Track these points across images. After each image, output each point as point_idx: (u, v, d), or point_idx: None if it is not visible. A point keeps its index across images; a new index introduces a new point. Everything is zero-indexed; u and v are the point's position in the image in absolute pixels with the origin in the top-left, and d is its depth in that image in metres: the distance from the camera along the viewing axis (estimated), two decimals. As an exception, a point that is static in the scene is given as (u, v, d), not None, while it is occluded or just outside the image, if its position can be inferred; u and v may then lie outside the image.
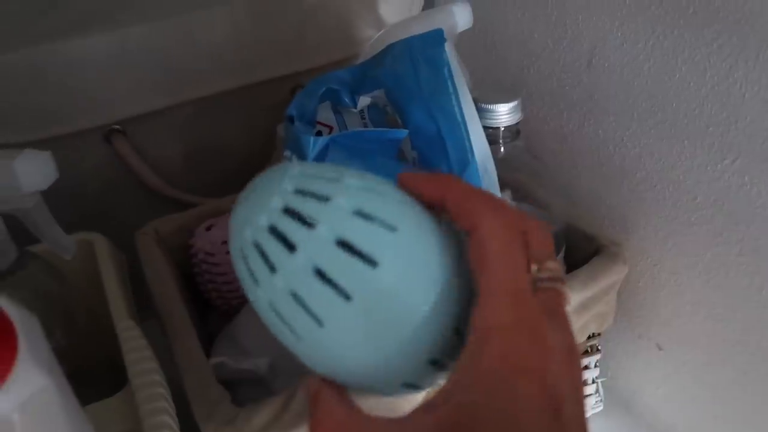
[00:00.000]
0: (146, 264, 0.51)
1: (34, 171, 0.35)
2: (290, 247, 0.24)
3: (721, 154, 0.42)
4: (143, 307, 0.50)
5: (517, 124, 0.47)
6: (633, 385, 0.57)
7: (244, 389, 0.46)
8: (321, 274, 0.24)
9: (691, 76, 0.42)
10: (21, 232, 0.42)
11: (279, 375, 0.46)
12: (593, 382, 0.55)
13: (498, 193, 0.44)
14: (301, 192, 0.24)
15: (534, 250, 0.25)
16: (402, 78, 0.42)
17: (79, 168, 0.60)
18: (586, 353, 0.52)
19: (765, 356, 0.44)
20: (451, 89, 0.42)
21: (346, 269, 0.24)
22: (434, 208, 0.27)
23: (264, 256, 0.24)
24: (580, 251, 0.50)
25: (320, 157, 0.42)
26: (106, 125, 0.59)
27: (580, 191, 0.55)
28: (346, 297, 0.24)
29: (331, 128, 0.46)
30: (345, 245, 0.24)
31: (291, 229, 0.24)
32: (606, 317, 0.50)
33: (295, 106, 0.46)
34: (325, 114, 0.47)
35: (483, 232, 0.24)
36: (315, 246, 0.24)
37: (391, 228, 0.24)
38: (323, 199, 0.24)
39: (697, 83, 0.42)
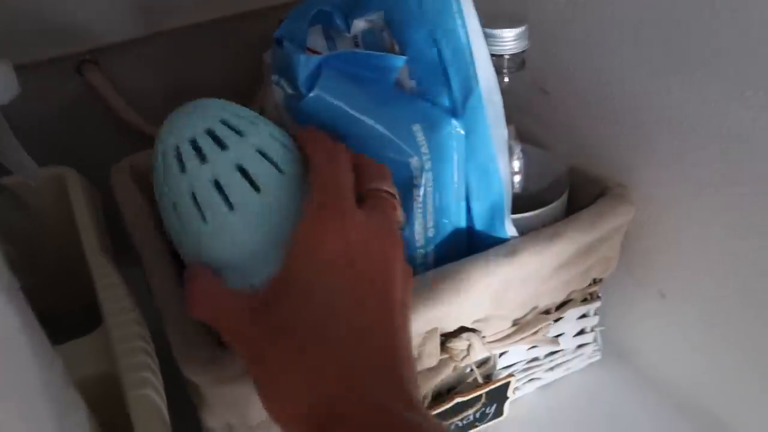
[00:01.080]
0: (121, 200, 0.48)
1: (-8, 82, 0.31)
2: (222, 146, 0.32)
3: (739, 87, 0.39)
4: (125, 253, 0.47)
5: (522, 52, 0.44)
6: (632, 334, 0.55)
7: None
8: (243, 171, 0.32)
9: (704, 5, 0.39)
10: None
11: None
12: (591, 330, 0.53)
13: (504, 125, 0.41)
14: (236, 113, 0.34)
15: (364, 173, 0.34)
16: None
17: (50, 100, 0.56)
18: (585, 301, 0.50)
19: None
20: (455, 8, 0.38)
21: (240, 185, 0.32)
22: None
23: (198, 150, 0.32)
24: (585, 194, 0.47)
25: (312, 79, 0.39)
26: (78, 54, 0.55)
27: (585, 131, 0.52)
28: (231, 205, 0.31)
29: (320, 54, 0.43)
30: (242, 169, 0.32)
31: (225, 134, 0.32)
32: (610, 262, 0.48)
33: (284, 29, 0.42)
34: (316, 39, 0.43)
35: (314, 165, 0.33)
36: (241, 149, 0.32)
37: (280, 171, 0.33)
38: (241, 133, 0.32)
39: (713, 8, 0.39)
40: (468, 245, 0.44)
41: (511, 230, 0.43)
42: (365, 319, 0.30)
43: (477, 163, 0.42)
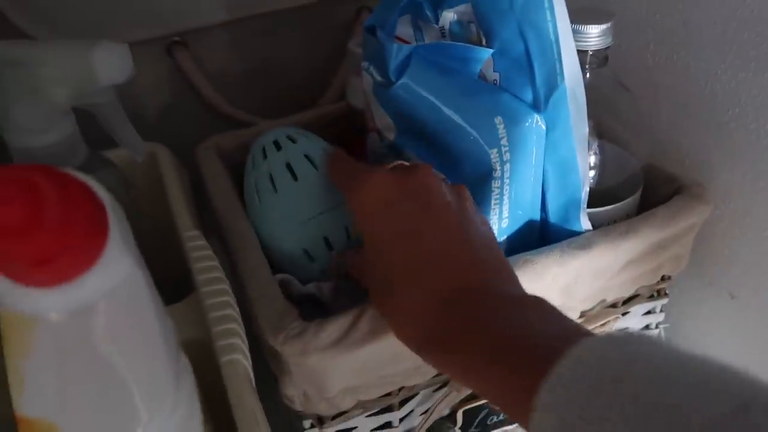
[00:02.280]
0: (208, 178, 0.51)
1: (112, 63, 0.34)
2: (294, 141, 0.46)
3: None
4: (205, 225, 0.49)
5: (606, 48, 0.44)
6: (697, 333, 0.55)
7: (304, 310, 0.45)
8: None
9: None
10: (91, 138, 0.41)
11: (339, 300, 0.45)
12: (656, 327, 0.53)
13: (585, 122, 0.42)
14: (289, 135, 0.47)
15: None
16: None
17: (140, 80, 0.59)
18: (652, 297, 0.51)
19: None
20: (546, 3, 0.39)
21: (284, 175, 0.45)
22: None
23: (263, 151, 0.46)
24: (661, 192, 0.48)
25: (402, 67, 0.40)
26: (168, 36, 0.58)
27: (664, 128, 0.52)
28: (275, 189, 0.45)
29: (409, 44, 0.44)
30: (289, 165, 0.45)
31: (294, 137, 0.46)
32: (681, 260, 0.48)
33: (375, 17, 0.43)
34: (405, 29, 0.44)
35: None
36: (287, 153, 0.45)
37: (315, 167, 0.45)
38: (295, 141, 0.46)
39: None
40: (542, 237, 0.44)
41: (586, 224, 0.44)
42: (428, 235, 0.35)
43: (556, 158, 0.42)
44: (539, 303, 0.32)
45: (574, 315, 0.46)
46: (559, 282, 0.43)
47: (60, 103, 0.35)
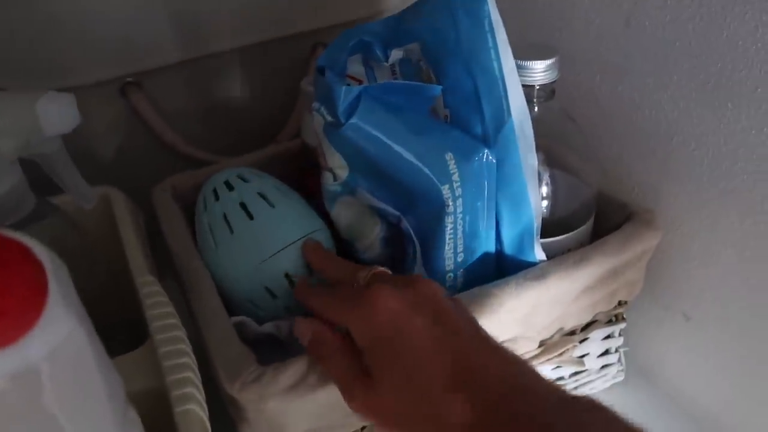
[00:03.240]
0: (164, 220, 0.50)
1: (58, 113, 0.33)
2: (246, 180, 0.47)
3: None
4: (161, 266, 0.49)
5: (552, 83, 0.45)
6: (655, 355, 0.56)
7: (262, 350, 0.45)
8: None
9: (740, 35, 0.40)
10: (38, 183, 0.41)
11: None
12: (616, 351, 0.54)
13: (534, 154, 0.43)
14: (240, 175, 0.47)
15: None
16: (440, 31, 0.40)
17: (94, 122, 0.59)
18: (610, 322, 0.51)
19: None
20: (491, 43, 0.40)
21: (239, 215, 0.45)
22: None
23: (215, 192, 0.46)
24: (612, 219, 0.49)
25: (351, 109, 0.40)
26: (122, 77, 0.58)
27: (612, 157, 0.53)
28: (231, 230, 0.45)
29: (360, 82, 0.45)
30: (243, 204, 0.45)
31: (246, 177, 0.47)
32: (635, 285, 0.49)
33: (325, 57, 0.44)
34: (355, 67, 0.45)
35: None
36: (240, 193, 0.46)
37: (271, 205, 0.45)
38: (247, 181, 0.47)
39: (746, 42, 0.40)
40: (497, 269, 0.45)
41: (540, 254, 0.45)
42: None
43: (508, 191, 0.43)
44: (588, 404, 0.29)
45: (533, 345, 0.46)
46: (516, 313, 0.43)
47: (6, 155, 0.35)
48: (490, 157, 0.42)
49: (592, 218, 0.48)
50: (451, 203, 0.42)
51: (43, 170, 0.39)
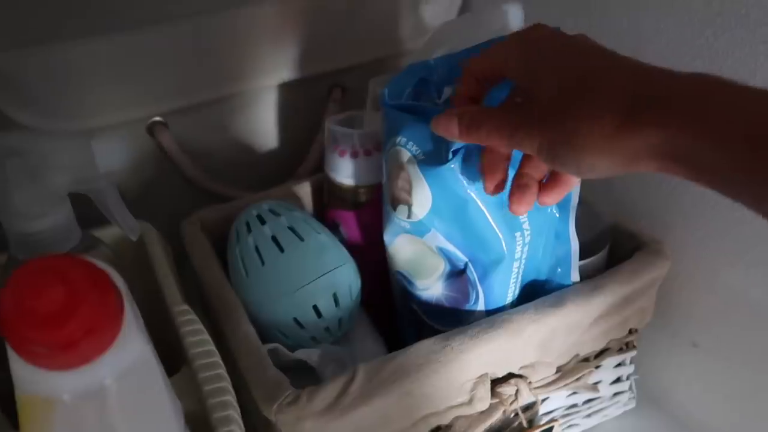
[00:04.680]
0: (193, 251, 0.52)
1: (109, 152, 0.36)
2: (277, 214, 0.49)
3: None
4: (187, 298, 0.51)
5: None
6: (666, 382, 0.58)
7: (292, 377, 0.46)
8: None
9: (741, 63, 0.43)
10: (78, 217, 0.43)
11: (329, 365, 0.47)
12: (627, 378, 0.56)
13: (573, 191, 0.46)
14: (272, 209, 0.50)
15: None
16: None
17: (123, 159, 0.61)
18: (622, 350, 0.53)
19: None
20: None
21: (270, 247, 0.47)
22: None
23: (248, 225, 0.48)
24: (623, 249, 0.51)
25: (455, 152, 0.41)
26: (150, 117, 0.60)
27: (622, 191, 0.56)
28: (262, 262, 0.47)
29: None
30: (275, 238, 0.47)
31: (277, 211, 0.49)
32: (646, 313, 0.51)
33: (391, 91, 0.44)
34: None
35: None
36: (272, 227, 0.48)
37: (301, 238, 0.47)
38: (279, 215, 0.49)
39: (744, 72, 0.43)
40: (534, 293, 0.47)
41: (576, 277, 0.48)
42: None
43: (558, 230, 0.46)
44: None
45: (551, 370, 0.48)
46: (535, 338, 0.45)
47: (60, 189, 0.37)
48: (555, 211, 0.45)
49: (606, 247, 0.51)
50: (519, 249, 0.44)
51: (81, 204, 0.42)
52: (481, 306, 0.45)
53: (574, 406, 0.54)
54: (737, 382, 0.52)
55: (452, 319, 0.46)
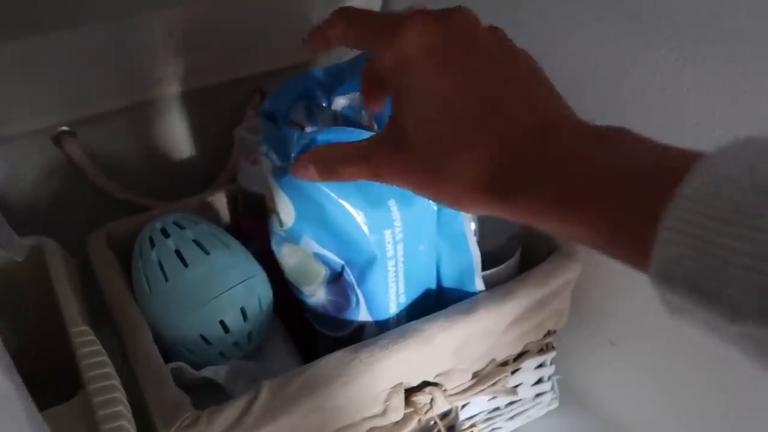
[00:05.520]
0: (98, 267, 0.50)
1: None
2: (182, 228, 0.47)
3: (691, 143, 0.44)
4: (98, 314, 0.49)
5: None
6: (587, 381, 0.58)
7: (200, 395, 0.45)
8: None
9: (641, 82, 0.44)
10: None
11: (238, 381, 0.46)
12: (548, 379, 0.56)
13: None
14: (177, 222, 0.48)
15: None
16: None
17: (28, 171, 0.58)
18: (542, 351, 0.54)
19: (717, 350, 0.46)
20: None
21: (174, 262, 0.45)
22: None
23: (151, 239, 0.46)
24: (537, 252, 0.51)
25: (302, 152, 0.41)
26: (56, 127, 0.58)
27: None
28: (165, 278, 0.45)
29: (302, 127, 0.46)
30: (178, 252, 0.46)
31: (183, 223, 0.47)
32: (562, 314, 0.51)
33: (271, 104, 0.44)
34: (298, 114, 0.46)
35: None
36: (176, 240, 0.46)
37: (206, 252, 0.46)
38: (183, 228, 0.47)
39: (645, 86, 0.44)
40: (439, 303, 0.47)
41: (480, 286, 0.47)
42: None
43: (447, 231, 0.45)
44: (626, 132, 0.26)
45: (466, 377, 0.48)
46: (448, 346, 0.45)
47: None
48: (431, 204, 0.44)
49: (518, 252, 0.51)
50: (391, 248, 0.44)
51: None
52: (363, 309, 0.45)
53: (497, 409, 0.54)
54: (654, 378, 0.53)
55: (338, 324, 0.46)
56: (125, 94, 0.60)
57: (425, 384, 0.46)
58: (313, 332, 0.49)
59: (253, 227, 0.53)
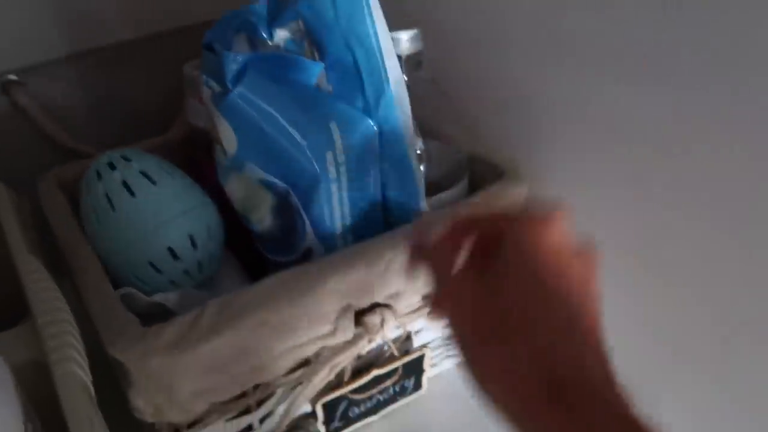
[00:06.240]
0: (48, 208, 0.50)
1: None
2: (128, 160, 0.47)
3: (624, 79, 0.45)
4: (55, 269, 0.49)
5: (418, 53, 0.48)
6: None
7: (153, 322, 0.45)
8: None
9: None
10: None
11: (189, 308, 0.46)
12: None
13: (411, 121, 0.46)
14: (123, 155, 0.47)
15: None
16: (318, 7, 0.42)
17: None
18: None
19: (661, 271, 0.47)
20: (367, 15, 0.42)
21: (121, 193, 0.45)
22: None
23: (98, 173, 0.47)
24: (486, 180, 0.52)
25: (238, 76, 0.42)
26: (3, 74, 0.57)
27: (484, 124, 0.57)
28: (113, 208, 0.45)
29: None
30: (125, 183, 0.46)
31: (130, 156, 0.47)
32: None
33: (211, 36, 0.45)
34: (241, 47, 0.46)
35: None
36: (123, 172, 0.46)
37: (153, 182, 0.46)
38: (130, 160, 0.47)
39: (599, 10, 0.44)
40: (386, 227, 0.48)
41: (426, 209, 0.48)
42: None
43: (391, 156, 0.46)
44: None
45: (417, 298, 0.49)
46: (395, 266, 0.45)
47: None
48: (372, 126, 0.44)
49: (465, 179, 0.52)
50: (334, 170, 0.44)
51: None
52: (310, 233, 0.46)
53: (452, 338, 0.55)
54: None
55: (286, 249, 0.47)
56: (74, 42, 0.60)
57: (376, 306, 0.47)
58: (265, 263, 0.50)
59: (205, 165, 0.54)
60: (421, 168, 0.50)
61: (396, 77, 0.45)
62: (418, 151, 0.50)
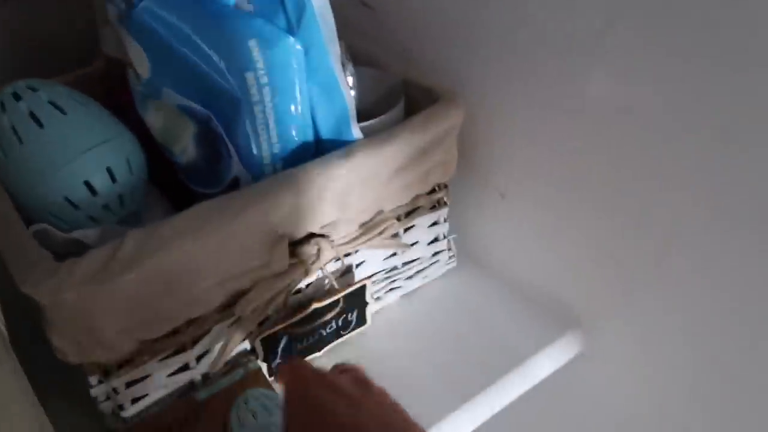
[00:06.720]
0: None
1: None
2: (35, 90, 0.44)
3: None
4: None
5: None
6: (481, 238, 0.59)
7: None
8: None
9: None
10: None
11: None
12: (444, 238, 0.56)
13: (336, 42, 0.44)
14: (29, 85, 0.44)
15: None
16: None
17: None
18: (435, 208, 0.54)
19: (601, 195, 0.46)
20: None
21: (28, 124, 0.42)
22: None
23: (2, 104, 0.43)
24: (422, 104, 0.50)
25: None
26: None
27: (417, 47, 0.55)
28: (20, 141, 0.42)
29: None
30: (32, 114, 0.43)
31: (35, 86, 0.44)
32: (449, 165, 0.51)
33: None
34: None
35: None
36: (29, 103, 0.43)
37: (63, 112, 0.43)
38: (36, 90, 0.44)
39: None
40: (318, 153, 0.46)
41: (358, 135, 0.46)
42: None
43: (317, 78, 0.44)
44: None
45: (353, 227, 0.47)
46: (328, 193, 0.44)
47: None
48: (295, 44, 0.42)
49: (400, 104, 0.50)
50: (256, 92, 0.42)
51: None
52: (235, 161, 0.44)
53: (395, 269, 0.54)
54: (543, 232, 0.53)
55: (211, 180, 0.45)
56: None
57: (312, 236, 0.45)
58: (192, 197, 0.48)
59: (124, 98, 0.50)
60: (352, 93, 0.48)
61: None
62: (349, 75, 0.48)
